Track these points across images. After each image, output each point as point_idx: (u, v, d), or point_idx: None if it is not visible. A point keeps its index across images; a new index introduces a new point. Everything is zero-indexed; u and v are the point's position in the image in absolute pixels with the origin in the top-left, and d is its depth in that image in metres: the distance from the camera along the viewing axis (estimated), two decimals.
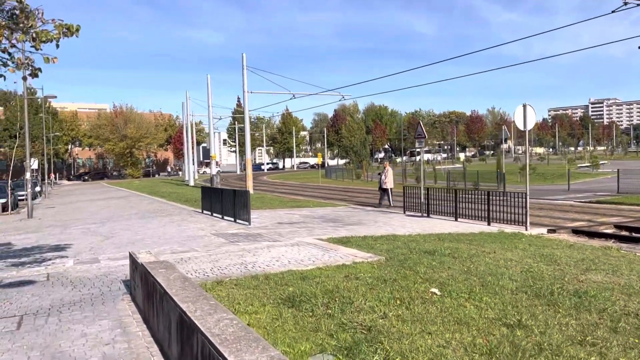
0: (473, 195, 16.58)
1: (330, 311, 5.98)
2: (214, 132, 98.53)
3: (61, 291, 7.70)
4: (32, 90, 77.55)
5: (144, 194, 35.31)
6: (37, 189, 45.98)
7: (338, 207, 22.11)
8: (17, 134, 74.70)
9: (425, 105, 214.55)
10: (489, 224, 14.85)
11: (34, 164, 55.55)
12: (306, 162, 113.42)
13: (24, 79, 6.39)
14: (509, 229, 13.68)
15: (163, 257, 9.98)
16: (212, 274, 8.40)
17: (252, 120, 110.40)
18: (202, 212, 19.81)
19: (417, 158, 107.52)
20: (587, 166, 59.83)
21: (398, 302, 6.28)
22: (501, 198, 15.18)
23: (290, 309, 6.17)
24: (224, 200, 17.29)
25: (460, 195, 16.61)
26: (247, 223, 15.17)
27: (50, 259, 10.63)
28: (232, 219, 16.37)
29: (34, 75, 6.30)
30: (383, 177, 21.13)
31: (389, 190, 21.08)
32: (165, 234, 14.02)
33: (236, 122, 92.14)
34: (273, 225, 14.95)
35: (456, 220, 16.04)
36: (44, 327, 5.92)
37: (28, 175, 22.48)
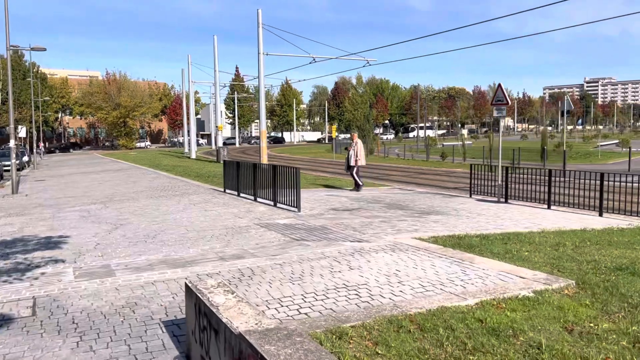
0: (567, 178, 13.36)
1: None
2: (210, 103, 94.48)
3: (57, 349, 4.28)
4: (20, 53, 72.77)
5: (144, 167, 31.68)
6: (25, 159, 42.19)
7: (380, 187, 18.74)
8: (1, 98, 70.20)
9: (421, 81, 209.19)
10: (600, 215, 11.58)
11: (22, 131, 51.42)
12: (309, 137, 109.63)
13: None
14: (636, 222, 10.43)
15: (210, 267, 6.58)
16: (311, 309, 5.02)
17: (251, 91, 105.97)
18: (225, 192, 16.35)
19: (412, 134, 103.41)
20: (608, 144, 56.81)
21: None
22: (619, 182, 11.88)
23: None
24: (258, 179, 13.83)
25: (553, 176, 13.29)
26: (295, 209, 11.74)
27: (38, 265, 7.19)
28: (271, 203, 12.94)
29: None
30: (352, 152, 16.79)
31: (357, 168, 16.71)
32: (193, 222, 10.59)
33: (235, 92, 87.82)
34: (329, 213, 11.55)
35: (549, 208, 12.76)
36: None
37: (12, 142, 18.78)
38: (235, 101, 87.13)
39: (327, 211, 11.85)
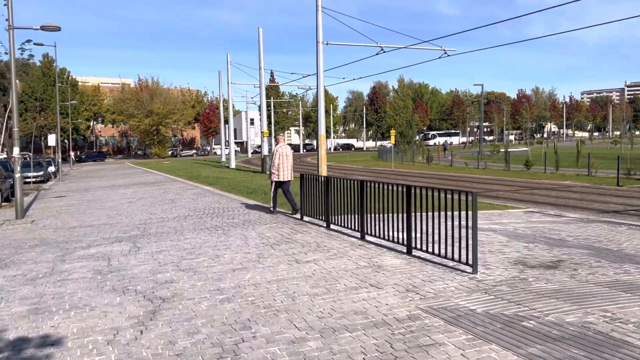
0: None
1: None
2: (244, 111, 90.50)
3: None
4: (49, 58, 70.12)
5: (181, 179, 27.18)
6: (51, 169, 38.38)
7: (509, 209, 13.54)
8: (37, 106, 67.35)
9: (452, 86, 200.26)
10: None
11: (51, 139, 47.86)
12: (349, 144, 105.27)
13: None
14: None
15: None
16: None
17: (286, 97, 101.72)
18: (303, 219, 11.46)
19: (432, 142, 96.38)
20: None
21: None
22: None
23: None
24: (367, 204, 8.84)
25: None
26: (466, 267, 6.70)
27: None
28: (400, 247, 7.94)
29: None
30: (273, 162, 12.34)
31: (288, 182, 12.43)
32: (294, 298, 5.66)
33: (272, 98, 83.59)
34: (531, 275, 6.48)
35: None
36: None
37: (16, 151, 14.32)
38: (272, 106, 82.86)
39: (519, 270, 6.76)
